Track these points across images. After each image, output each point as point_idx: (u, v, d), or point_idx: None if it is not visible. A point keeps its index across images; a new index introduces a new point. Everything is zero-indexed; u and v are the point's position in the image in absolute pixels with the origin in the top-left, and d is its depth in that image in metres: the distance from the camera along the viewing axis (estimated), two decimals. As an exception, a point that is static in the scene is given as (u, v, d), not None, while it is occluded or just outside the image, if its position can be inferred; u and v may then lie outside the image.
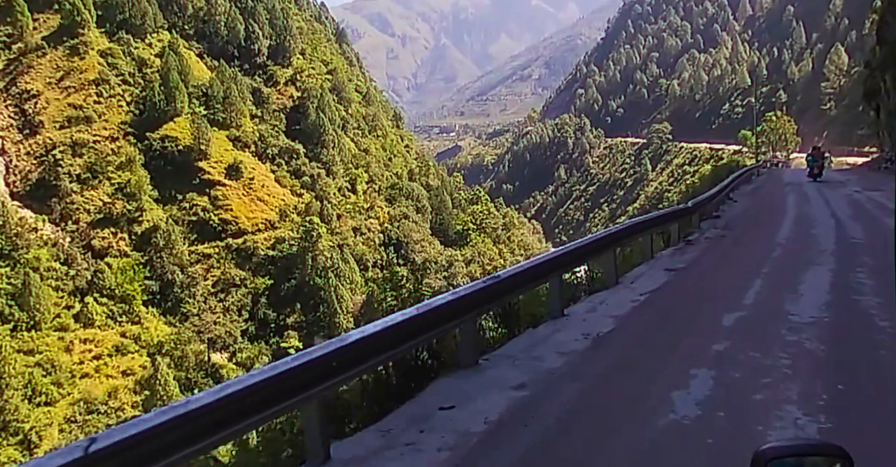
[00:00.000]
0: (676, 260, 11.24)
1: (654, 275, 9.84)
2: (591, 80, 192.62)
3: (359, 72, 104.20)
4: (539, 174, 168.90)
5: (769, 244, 12.39)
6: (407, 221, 70.82)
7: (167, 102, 63.15)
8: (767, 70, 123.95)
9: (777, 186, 28.84)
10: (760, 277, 9.31)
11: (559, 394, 5.16)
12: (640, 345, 6.43)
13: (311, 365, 3.94)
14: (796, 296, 8.01)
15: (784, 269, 9.94)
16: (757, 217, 18.14)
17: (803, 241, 12.72)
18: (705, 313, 7.46)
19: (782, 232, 14.13)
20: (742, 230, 14.91)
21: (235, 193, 61.20)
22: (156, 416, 3.04)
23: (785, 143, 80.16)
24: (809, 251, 11.39)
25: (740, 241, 13.29)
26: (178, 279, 53.73)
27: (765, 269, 9.93)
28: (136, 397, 43.11)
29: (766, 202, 22.85)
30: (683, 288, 9.11)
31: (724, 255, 11.84)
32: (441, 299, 5.45)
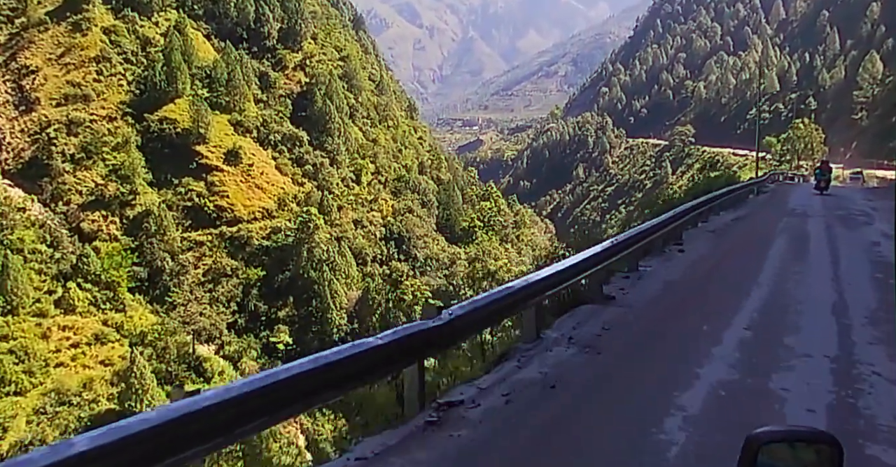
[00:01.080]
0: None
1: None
2: (616, 78, 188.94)
3: (374, 60, 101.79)
4: (557, 172, 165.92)
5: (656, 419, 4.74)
6: (411, 216, 68.47)
7: (168, 83, 61.30)
8: (797, 76, 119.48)
9: (771, 217, 20.10)
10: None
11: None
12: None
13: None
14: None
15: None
16: (681, 306, 8.60)
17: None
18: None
19: (709, 373, 5.74)
20: (625, 355, 6.44)
21: (233, 180, 59.26)
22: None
23: (811, 152, 76.52)
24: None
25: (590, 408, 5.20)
26: (167, 266, 51.96)
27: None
28: (112, 389, 41.35)
29: (730, 254, 13.23)
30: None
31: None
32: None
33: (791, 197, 28.70)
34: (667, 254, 12.09)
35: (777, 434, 1.32)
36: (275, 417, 3.59)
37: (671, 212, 12.92)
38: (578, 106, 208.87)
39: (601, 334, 6.81)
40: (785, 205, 23.58)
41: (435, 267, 62.40)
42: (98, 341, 44.19)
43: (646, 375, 5.72)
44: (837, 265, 11.32)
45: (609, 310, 7.81)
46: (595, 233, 22.14)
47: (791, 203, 24.80)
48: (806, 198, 27.28)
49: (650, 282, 9.68)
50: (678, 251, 12.47)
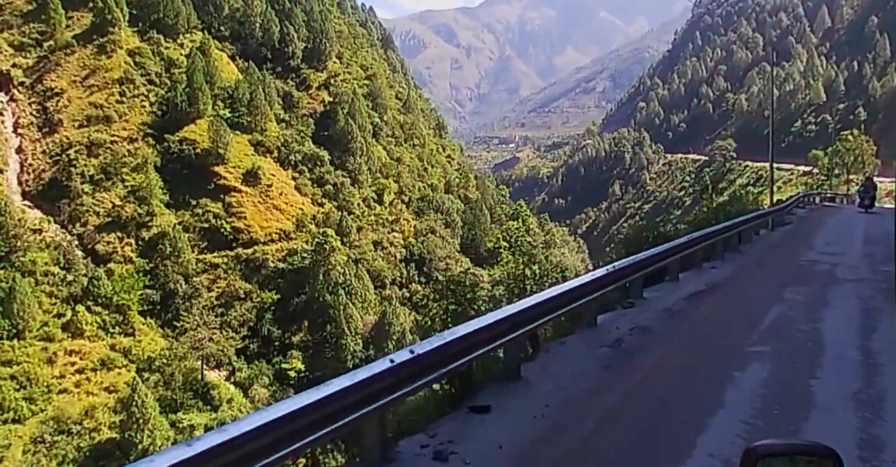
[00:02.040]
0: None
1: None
2: (653, 93, 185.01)
3: (402, 78, 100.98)
4: (593, 189, 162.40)
5: None
6: (433, 236, 66.32)
7: (189, 104, 60.99)
8: (846, 85, 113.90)
9: (767, 284, 11.96)
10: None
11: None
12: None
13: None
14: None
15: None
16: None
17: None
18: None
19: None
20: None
21: (251, 200, 58.23)
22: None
23: (862, 166, 71.69)
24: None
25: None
26: (181, 289, 50.87)
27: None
28: (115, 417, 39.96)
29: (608, 431, 5.26)
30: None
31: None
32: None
33: (821, 232, 21.00)
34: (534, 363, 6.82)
35: (776, 447, 1.29)
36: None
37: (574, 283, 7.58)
38: (615, 122, 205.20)
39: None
40: (805, 251, 16.04)
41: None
42: (104, 366, 43.05)
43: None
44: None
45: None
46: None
47: (817, 245, 17.27)
48: (842, 232, 20.61)
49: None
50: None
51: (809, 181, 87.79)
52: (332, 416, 3.95)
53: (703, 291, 10.98)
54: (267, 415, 3.46)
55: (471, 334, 5.37)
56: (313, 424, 3.78)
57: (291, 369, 48.62)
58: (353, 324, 51.72)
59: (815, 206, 35.93)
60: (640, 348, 7.48)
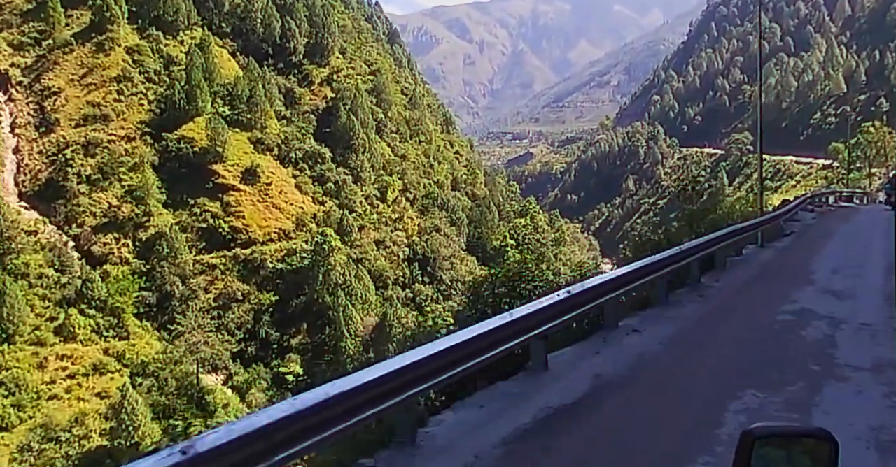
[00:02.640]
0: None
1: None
2: (668, 85, 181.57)
3: (409, 73, 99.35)
4: (606, 185, 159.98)
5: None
6: (438, 235, 64.75)
7: (188, 101, 59.88)
8: (867, 75, 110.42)
9: (721, 369, 6.80)
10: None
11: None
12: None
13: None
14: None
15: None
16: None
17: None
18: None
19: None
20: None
21: (250, 199, 57.04)
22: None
23: (885, 159, 69.07)
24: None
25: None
26: (177, 291, 49.80)
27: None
28: (106, 423, 38.97)
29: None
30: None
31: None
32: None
33: (827, 250, 15.86)
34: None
35: (772, 429, 1.32)
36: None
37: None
38: (630, 115, 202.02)
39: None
40: (794, 291, 10.59)
41: (461, 290, 58.29)
42: (96, 371, 42.08)
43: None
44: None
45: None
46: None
47: (817, 276, 11.92)
48: (857, 251, 15.38)
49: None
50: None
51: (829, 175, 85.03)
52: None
53: (566, 413, 5.54)
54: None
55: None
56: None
57: (289, 373, 47.36)
58: (352, 326, 50.36)
59: (829, 208, 30.81)
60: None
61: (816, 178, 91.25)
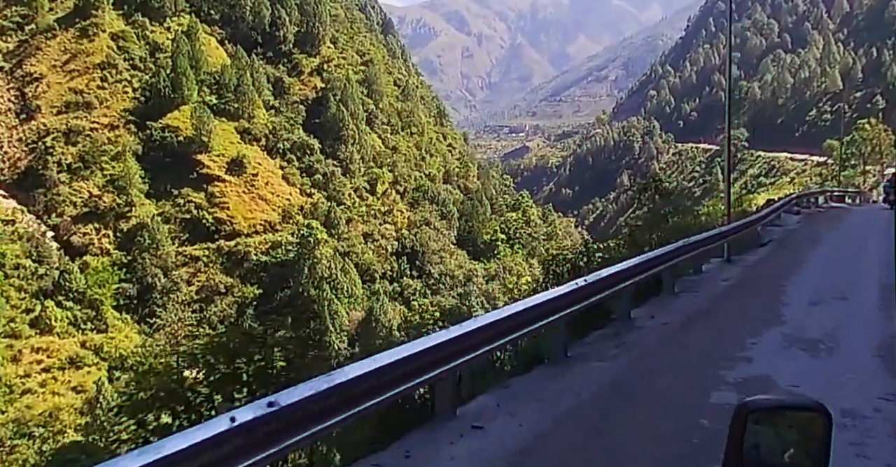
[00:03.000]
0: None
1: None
2: (664, 81, 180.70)
3: (401, 65, 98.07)
4: (601, 179, 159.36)
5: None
6: (427, 228, 63.83)
7: (173, 89, 58.65)
8: (863, 72, 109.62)
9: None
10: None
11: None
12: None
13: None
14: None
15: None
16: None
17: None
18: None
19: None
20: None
21: (235, 190, 55.98)
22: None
23: (880, 156, 68.34)
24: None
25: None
26: (159, 283, 48.78)
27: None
28: (81, 418, 37.95)
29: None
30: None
31: None
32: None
33: (807, 268, 12.76)
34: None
35: (767, 402, 1.34)
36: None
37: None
38: (626, 110, 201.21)
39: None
40: (760, 331, 7.79)
41: (449, 284, 57.56)
42: (73, 365, 41.08)
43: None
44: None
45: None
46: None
47: (790, 310, 8.98)
48: (847, 268, 12.46)
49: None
50: None
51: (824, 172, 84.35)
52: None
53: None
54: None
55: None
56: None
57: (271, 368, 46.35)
58: (338, 320, 49.46)
59: (818, 209, 27.51)
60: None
61: (811, 175, 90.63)
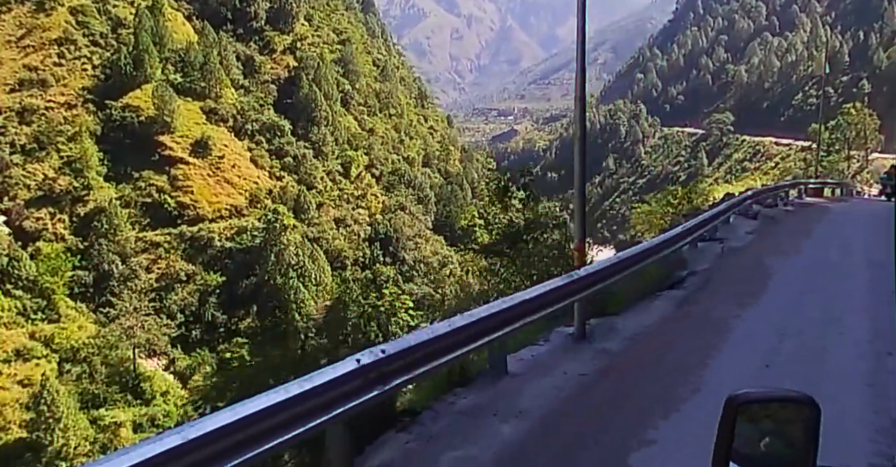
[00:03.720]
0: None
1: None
2: (651, 64, 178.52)
3: (381, 44, 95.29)
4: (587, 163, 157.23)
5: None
6: (403, 213, 61.90)
7: (135, 67, 55.94)
8: (850, 56, 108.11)
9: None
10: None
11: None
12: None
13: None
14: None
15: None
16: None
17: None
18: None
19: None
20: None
21: (199, 173, 53.69)
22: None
23: (864, 142, 67.01)
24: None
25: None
26: (116, 270, 46.65)
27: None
28: (27, 414, 36.07)
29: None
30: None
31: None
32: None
33: (736, 337, 6.80)
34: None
35: (756, 395, 1.34)
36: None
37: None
38: (614, 94, 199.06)
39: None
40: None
41: (423, 271, 55.83)
42: (20, 357, 39.04)
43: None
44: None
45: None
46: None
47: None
48: (809, 348, 6.38)
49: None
50: None
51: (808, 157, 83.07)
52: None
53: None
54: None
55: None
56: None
57: (234, 358, 44.52)
58: (304, 308, 47.57)
59: (786, 207, 20.62)
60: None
61: (795, 160, 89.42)
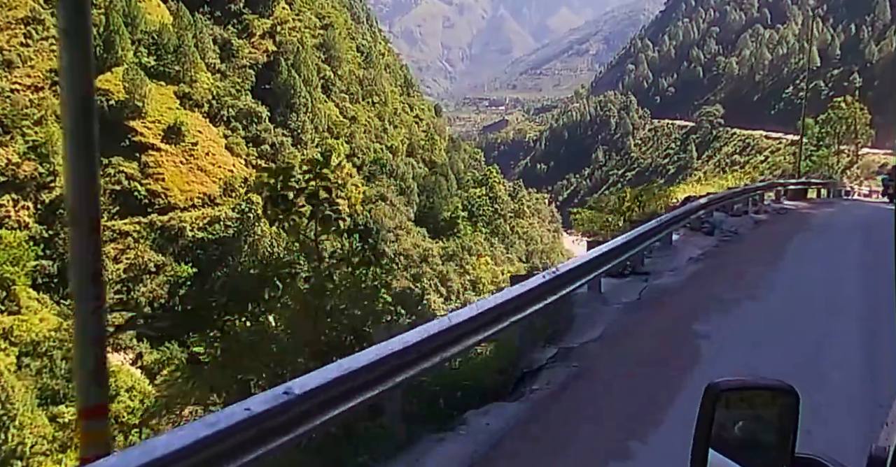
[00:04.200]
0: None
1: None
2: (643, 55, 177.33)
3: (367, 30, 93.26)
4: (576, 155, 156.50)
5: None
6: (383, 204, 60.35)
7: (106, 49, 53.77)
8: (841, 50, 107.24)
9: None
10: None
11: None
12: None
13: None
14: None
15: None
16: None
17: None
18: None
19: None
20: None
21: (171, 160, 51.80)
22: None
23: (854, 136, 66.06)
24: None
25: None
26: (82, 260, 44.82)
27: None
28: (-19, 410, 34.41)
29: None
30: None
31: None
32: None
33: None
34: None
35: (736, 383, 1.36)
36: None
37: None
38: (604, 85, 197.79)
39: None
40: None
41: (403, 265, 54.37)
42: (-25, 351, 37.33)
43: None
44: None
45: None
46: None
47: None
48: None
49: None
50: None
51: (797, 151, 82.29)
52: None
53: None
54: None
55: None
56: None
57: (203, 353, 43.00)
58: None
59: (758, 216, 16.72)
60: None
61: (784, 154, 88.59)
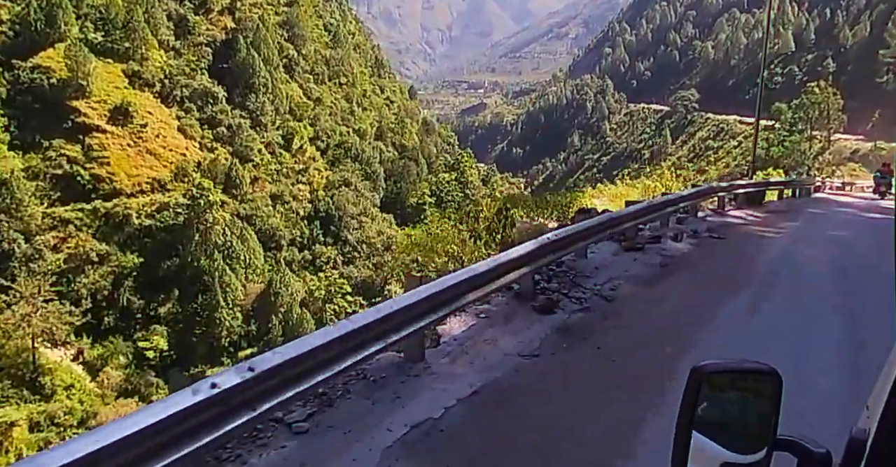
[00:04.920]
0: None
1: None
2: (620, 38, 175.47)
3: (335, 8, 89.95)
4: (552, 139, 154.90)
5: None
6: (347, 189, 58.07)
7: (48, 24, 50.46)
8: (816, 34, 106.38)
9: None
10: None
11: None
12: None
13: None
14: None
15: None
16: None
17: None
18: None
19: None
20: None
21: (118, 143, 48.93)
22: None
23: (826, 121, 65.09)
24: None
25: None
26: (18, 250, 42.14)
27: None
28: None
29: None
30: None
31: None
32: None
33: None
34: None
35: (720, 366, 1.38)
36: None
37: None
38: (582, 68, 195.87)
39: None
40: None
41: (366, 253, 52.38)
42: None
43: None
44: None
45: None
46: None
47: None
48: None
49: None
50: None
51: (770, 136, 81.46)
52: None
53: None
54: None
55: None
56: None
57: (150, 348, 40.82)
58: (231, 294, 43.89)
59: (678, 242, 10.74)
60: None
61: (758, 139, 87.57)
